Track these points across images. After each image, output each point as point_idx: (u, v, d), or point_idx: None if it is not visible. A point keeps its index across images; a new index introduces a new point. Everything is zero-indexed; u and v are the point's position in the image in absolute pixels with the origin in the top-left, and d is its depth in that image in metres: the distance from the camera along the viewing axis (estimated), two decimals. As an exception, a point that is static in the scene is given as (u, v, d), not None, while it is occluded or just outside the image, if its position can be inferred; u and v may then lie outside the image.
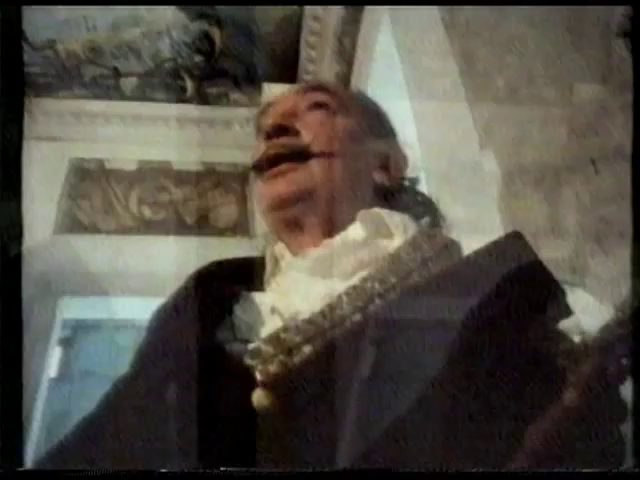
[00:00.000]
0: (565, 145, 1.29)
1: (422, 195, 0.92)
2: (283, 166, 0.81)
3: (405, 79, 2.00)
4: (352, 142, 0.85)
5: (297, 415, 0.59)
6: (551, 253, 1.22)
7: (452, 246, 0.75)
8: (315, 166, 0.81)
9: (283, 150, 0.82)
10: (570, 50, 1.32)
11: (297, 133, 0.83)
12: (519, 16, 1.50)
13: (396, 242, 0.75)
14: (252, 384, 0.61)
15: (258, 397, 0.60)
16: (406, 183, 0.91)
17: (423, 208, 0.88)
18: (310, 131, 0.83)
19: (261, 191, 0.83)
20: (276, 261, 0.83)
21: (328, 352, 0.62)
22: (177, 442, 0.60)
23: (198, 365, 0.63)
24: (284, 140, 0.83)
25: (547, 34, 1.43)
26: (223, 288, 0.75)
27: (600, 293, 1.06)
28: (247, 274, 0.81)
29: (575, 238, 1.22)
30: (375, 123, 0.92)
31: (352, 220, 0.79)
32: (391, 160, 0.89)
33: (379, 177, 0.86)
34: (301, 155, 0.81)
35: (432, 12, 1.83)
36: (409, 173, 0.92)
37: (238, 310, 0.74)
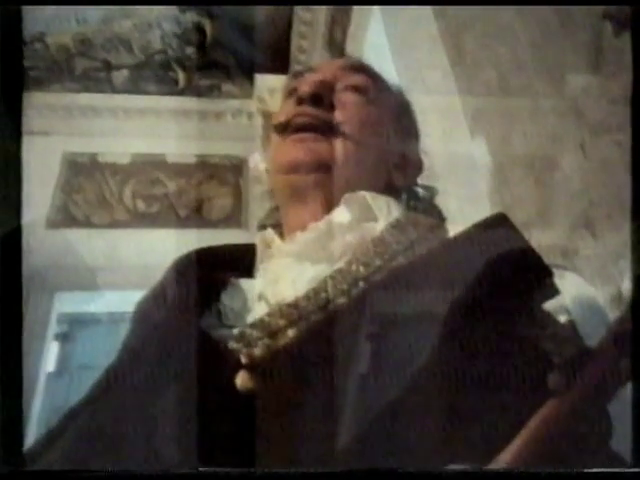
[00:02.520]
0: (555, 131, 1.30)
1: (435, 208, 0.89)
2: (310, 135, 0.80)
3: (396, 70, 2.01)
4: (378, 134, 0.84)
5: (281, 397, 0.60)
6: (543, 239, 1.24)
7: (438, 228, 0.74)
8: (339, 145, 0.80)
9: (313, 120, 0.81)
10: (560, 36, 1.33)
11: (331, 108, 0.82)
12: (508, 6, 1.51)
13: (381, 225, 0.74)
14: (237, 368, 0.61)
15: (242, 379, 0.60)
16: (420, 190, 0.89)
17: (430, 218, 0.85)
18: (345, 111, 0.82)
19: (279, 151, 0.82)
20: (266, 247, 0.82)
21: (312, 335, 0.62)
22: (164, 428, 0.60)
23: (183, 352, 0.64)
24: (317, 111, 0.81)
25: (536, 22, 1.44)
26: (207, 275, 0.74)
27: (590, 276, 1.08)
28: (235, 261, 0.81)
29: (566, 223, 1.24)
30: (403, 121, 0.90)
31: None
32: (408, 162, 0.88)
33: (396, 175, 0.85)
34: (329, 130, 0.80)
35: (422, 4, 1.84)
36: (424, 181, 0.90)
37: (225, 297, 0.74)
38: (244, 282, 0.76)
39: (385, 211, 0.76)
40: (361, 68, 0.89)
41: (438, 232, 0.74)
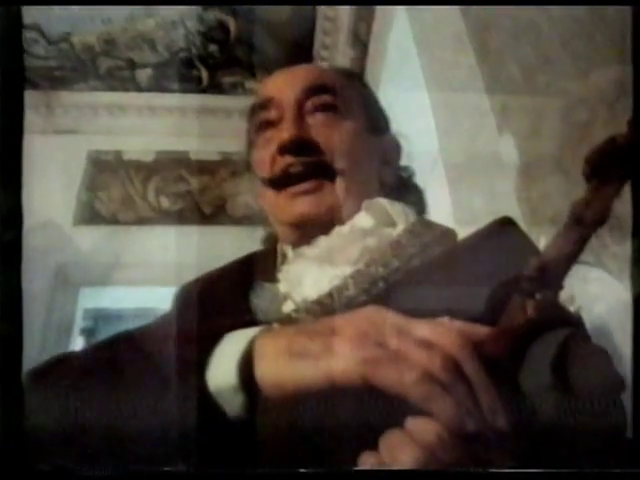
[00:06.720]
0: (583, 127, 1.29)
1: (414, 185, 0.94)
2: (310, 184, 0.81)
3: (421, 67, 2.00)
4: (362, 146, 0.86)
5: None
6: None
7: (449, 233, 0.79)
8: (340, 184, 0.81)
9: (307, 168, 0.82)
10: (587, 31, 1.32)
11: (316, 147, 0.82)
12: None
13: (398, 229, 0.78)
14: None
15: None
16: (403, 174, 0.93)
17: (413, 197, 0.91)
18: (328, 143, 0.83)
19: (282, 206, 0.84)
20: (283, 256, 0.86)
21: None
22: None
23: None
24: (306, 158, 0.82)
25: (561, 17, 1.43)
26: (242, 280, 0.79)
27: (618, 272, 1.07)
28: (263, 265, 0.85)
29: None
30: (375, 116, 0.92)
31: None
32: (389, 154, 0.91)
33: (385, 175, 0.88)
34: (326, 172, 0.81)
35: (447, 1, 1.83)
36: (402, 162, 0.94)
37: (255, 297, 0.78)
38: (271, 283, 0.80)
39: (403, 217, 0.80)
40: (321, 87, 0.87)
41: (449, 236, 0.78)
